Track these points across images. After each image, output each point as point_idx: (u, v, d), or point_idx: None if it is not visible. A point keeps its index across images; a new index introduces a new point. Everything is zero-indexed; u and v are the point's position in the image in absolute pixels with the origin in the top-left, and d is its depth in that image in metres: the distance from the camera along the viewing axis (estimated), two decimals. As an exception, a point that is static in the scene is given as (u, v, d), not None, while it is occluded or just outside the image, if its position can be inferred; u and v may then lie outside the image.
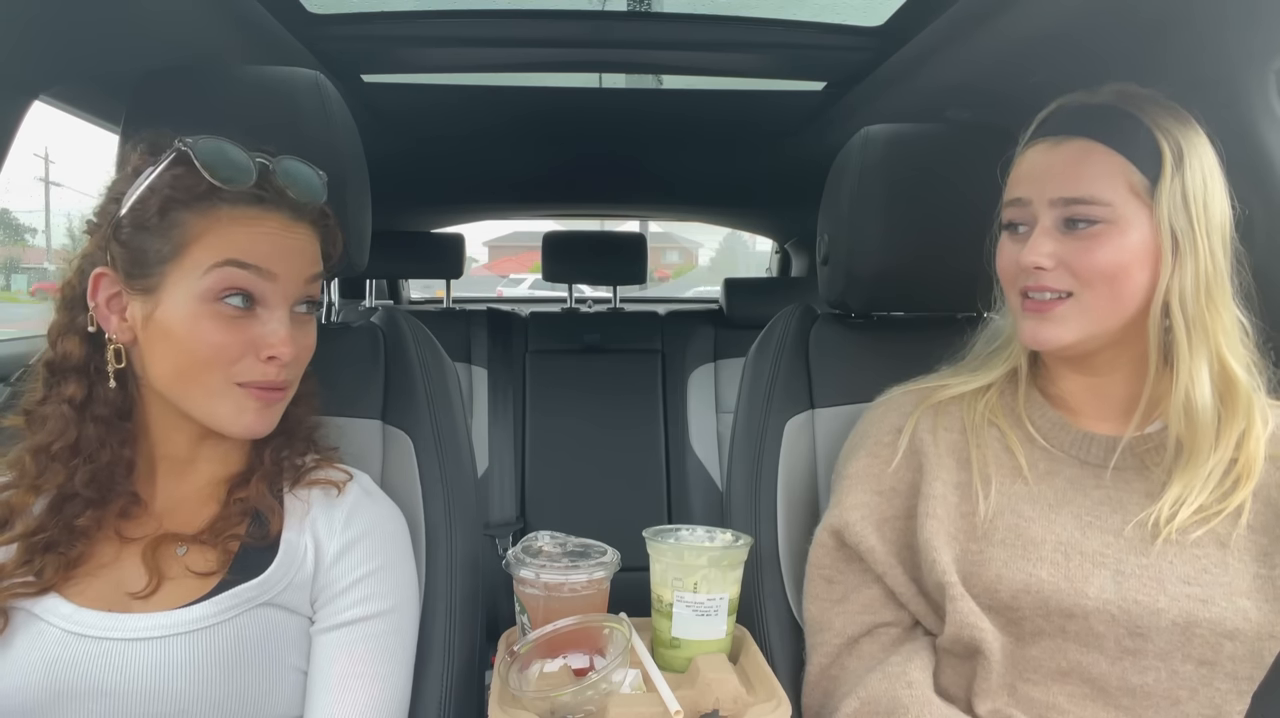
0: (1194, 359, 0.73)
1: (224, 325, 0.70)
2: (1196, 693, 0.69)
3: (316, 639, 0.74)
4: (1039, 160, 0.78)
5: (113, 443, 0.72)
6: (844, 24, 1.18)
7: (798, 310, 1.08)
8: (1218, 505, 0.72)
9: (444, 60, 1.33)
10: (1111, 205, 0.73)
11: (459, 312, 2.23)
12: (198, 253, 0.69)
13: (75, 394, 0.72)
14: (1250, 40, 0.88)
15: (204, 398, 0.71)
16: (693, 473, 2.07)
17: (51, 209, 20.10)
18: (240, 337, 0.70)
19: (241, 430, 0.73)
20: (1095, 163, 0.74)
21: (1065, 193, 0.74)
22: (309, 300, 0.76)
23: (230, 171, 0.70)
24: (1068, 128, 0.76)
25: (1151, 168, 0.73)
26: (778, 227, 2.94)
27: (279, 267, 0.71)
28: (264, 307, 0.71)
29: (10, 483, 0.72)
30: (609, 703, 0.69)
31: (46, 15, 0.88)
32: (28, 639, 0.67)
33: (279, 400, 0.75)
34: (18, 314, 11.84)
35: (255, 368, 0.71)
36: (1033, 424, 0.82)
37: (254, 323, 0.71)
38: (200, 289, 0.69)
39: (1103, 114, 0.76)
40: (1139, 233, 0.73)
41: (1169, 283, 0.73)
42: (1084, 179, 0.74)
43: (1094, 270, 0.73)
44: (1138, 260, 0.73)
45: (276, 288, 0.71)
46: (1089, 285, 0.74)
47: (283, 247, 0.72)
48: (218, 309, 0.69)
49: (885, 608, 0.83)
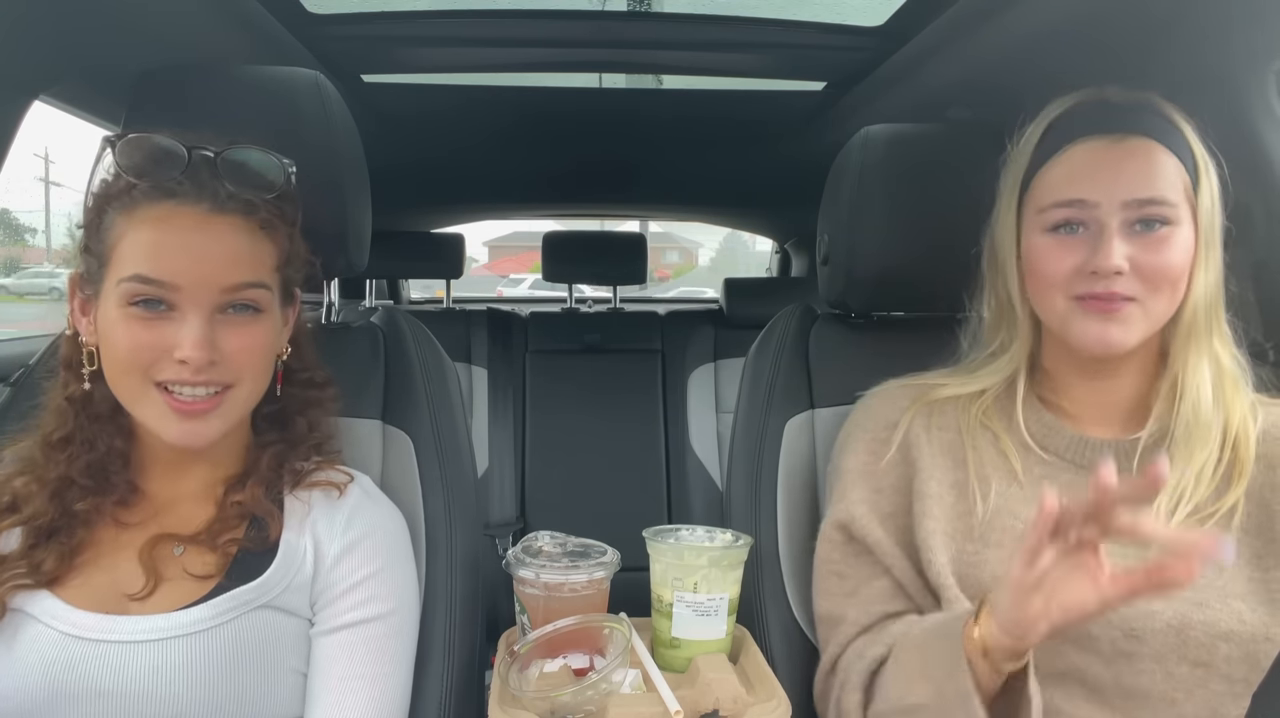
0: (1198, 359, 0.74)
1: (138, 327, 0.68)
2: (1192, 695, 0.69)
3: (317, 641, 0.74)
4: (1099, 158, 0.74)
5: (106, 436, 0.73)
6: (844, 24, 1.18)
7: (798, 310, 1.08)
8: (1212, 506, 0.72)
9: (444, 60, 1.33)
10: (1177, 206, 0.73)
11: (459, 312, 2.23)
12: (118, 258, 0.69)
13: (75, 390, 0.73)
14: (1251, 40, 0.88)
15: (131, 401, 0.71)
16: (693, 473, 2.07)
17: (51, 209, 20.10)
18: (153, 338, 0.68)
19: (173, 439, 0.70)
20: (1161, 162, 0.73)
21: (1140, 193, 0.72)
22: (240, 304, 0.71)
23: (144, 165, 0.69)
24: (1124, 125, 0.74)
25: (1192, 170, 0.74)
26: (778, 227, 2.94)
27: (186, 277, 0.68)
28: (177, 310, 0.69)
29: (19, 472, 0.73)
30: (609, 703, 0.69)
31: (46, 15, 0.88)
32: (25, 641, 0.67)
33: (207, 412, 0.70)
34: (18, 314, 11.85)
35: (171, 368, 0.69)
36: (1027, 429, 0.81)
37: (167, 325, 0.69)
38: (116, 295, 0.69)
39: (1148, 114, 0.75)
40: (1189, 234, 0.73)
41: (1198, 283, 0.74)
42: (1157, 179, 0.73)
43: (1164, 271, 0.73)
44: (1190, 263, 0.74)
45: (186, 297, 0.69)
46: (1155, 290, 0.73)
47: (193, 251, 0.69)
48: (130, 313, 0.68)
49: (895, 599, 0.83)
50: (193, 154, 0.70)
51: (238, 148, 0.72)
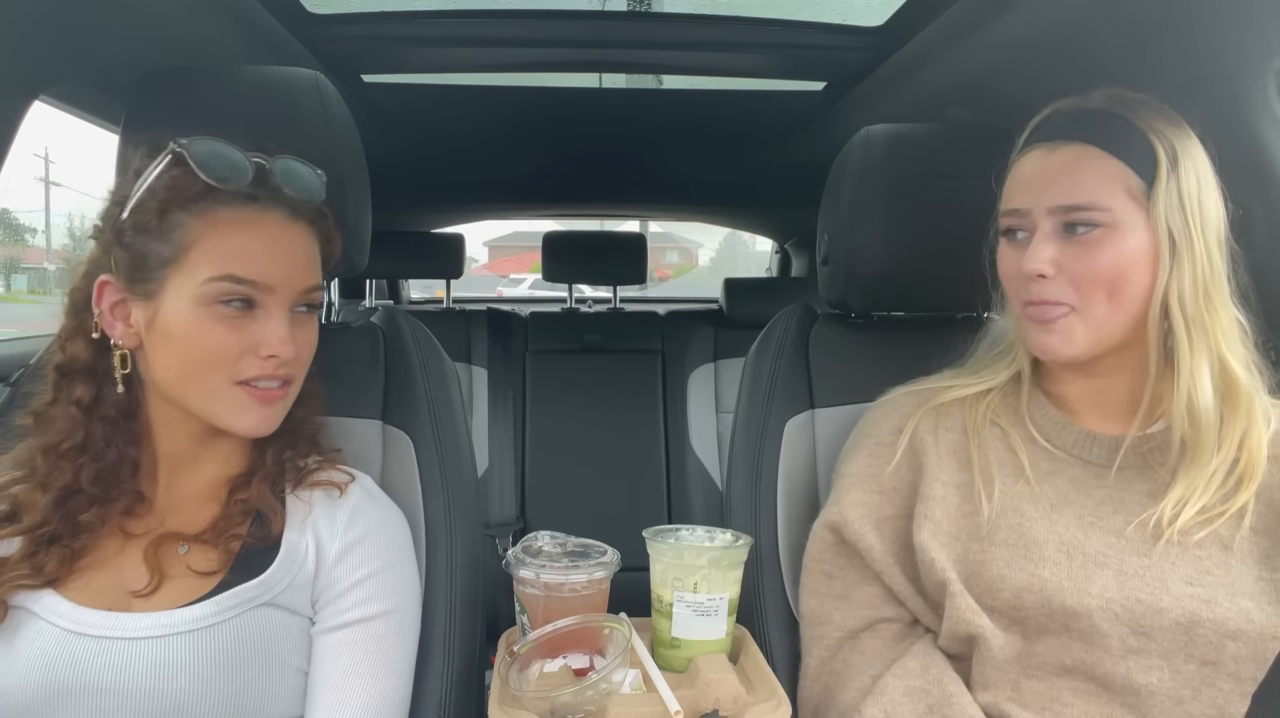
0: (1194, 359, 0.73)
1: (224, 327, 0.70)
2: (1199, 693, 0.69)
3: (318, 640, 0.75)
4: (1035, 167, 0.77)
5: (119, 442, 0.73)
6: (844, 24, 1.18)
7: (798, 310, 1.08)
8: (1220, 507, 0.72)
9: (444, 60, 1.33)
10: (1110, 210, 0.73)
11: (459, 312, 2.23)
12: (196, 258, 0.69)
13: (83, 396, 0.72)
14: (1249, 40, 0.88)
15: (206, 398, 0.72)
16: (693, 473, 2.07)
17: (51, 209, 20.10)
18: (239, 337, 0.71)
19: (245, 429, 0.73)
20: (1092, 168, 0.74)
21: (1063, 200, 0.74)
22: (308, 304, 0.76)
23: (225, 171, 0.70)
24: (1062, 133, 0.76)
25: (1147, 171, 0.73)
26: (778, 227, 2.94)
27: (275, 278, 0.71)
28: (262, 309, 0.72)
29: (19, 479, 0.73)
30: (609, 703, 0.69)
31: (46, 15, 0.88)
32: (27, 638, 0.67)
33: (280, 400, 0.75)
34: (18, 314, 11.84)
35: (255, 365, 0.72)
36: (1035, 424, 0.82)
37: (253, 323, 0.71)
38: (198, 294, 0.69)
39: (1097, 118, 0.76)
40: (1137, 237, 0.73)
41: (1168, 284, 0.73)
42: (1081, 185, 0.74)
43: (1095, 276, 0.73)
44: (1137, 264, 0.73)
45: (274, 297, 0.72)
46: (1089, 297, 0.74)
47: (280, 252, 0.72)
48: (217, 312, 0.70)
49: (886, 604, 0.83)
50: (252, 161, 0.72)
51: (281, 157, 0.74)
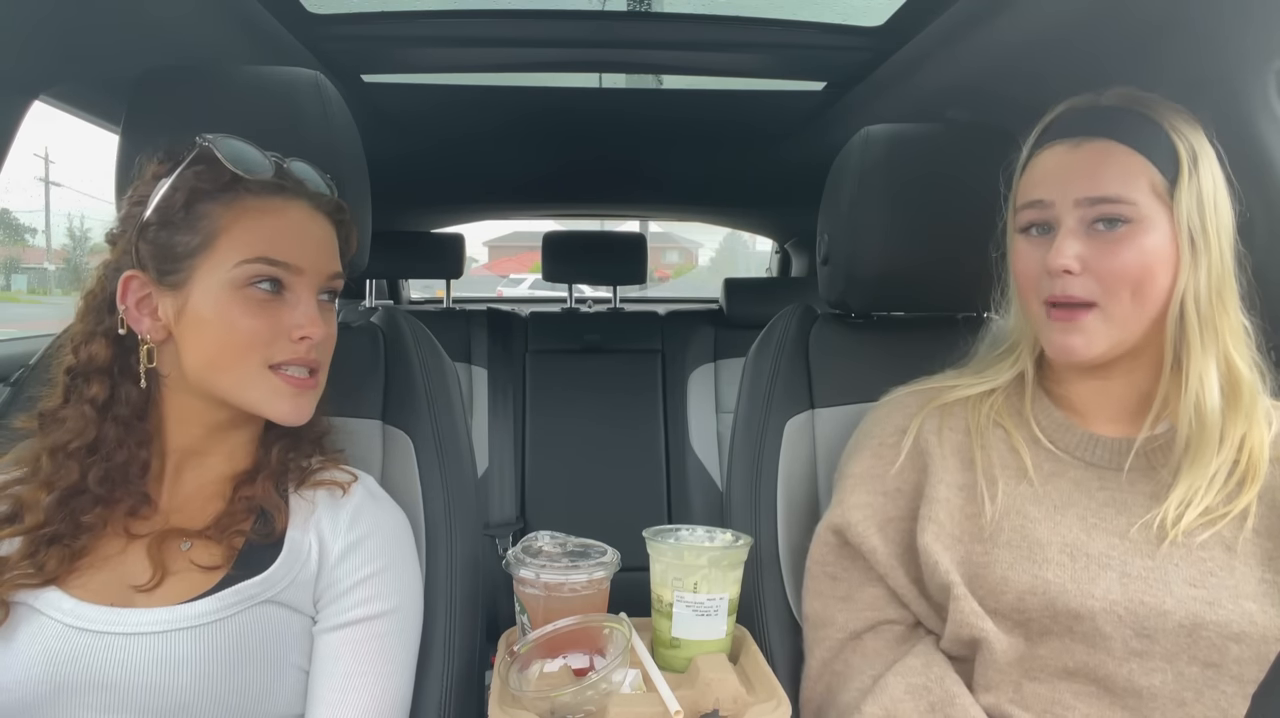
0: (1204, 360, 0.73)
1: (255, 309, 0.72)
2: (1202, 695, 0.69)
3: (320, 639, 0.75)
4: (1058, 161, 0.77)
5: (130, 443, 0.73)
6: (844, 24, 1.18)
7: (798, 310, 1.08)
8: (1223, 508, 0.72)
9: (444, 60, 1.33)
10: (1136, 205, 0.73)
11: (459, 312, 2.23)
12: (226, 245, 0.71)
13: (98, 394, 0.73)
14: (1248, 40, 0.88)
15: (241, 384, 0.73)
16: (693, 473, 2.07)
17: (51, 209, 20.11)
18: (271, 320, 0.72)
19: (281, 415, 0.74)
20: (1118, 163, 0.74)
21: (1091, 192, 0.74)
22: (330, 291, 0.79)
23: (250, 163, 0.73)
24: (1085, 129, 0.76)
25: (1170, 169, 0.73)
26: (778, 226, 2.94)
27: (305, 260, 0.74)
28: (291, 292, 0.74)
29: (22, 479, 0.73)
30: (609, 703, 0.69)
31: (46, 15, 0.88)
32: (29, 633, 0.67)
33: (311, 389, 0.76)
34: (18, 314, 11.84)
35: (287, 348, 0.73)
36: (1038, 425, 0.82)
37: (283, 307, 0.73)
38: (230, 278, 0.71)
39: (1120, 115, 0.75)
40: (1160, 234, 0.73)
41: (1186, 284, 0.73)
42: (1110, 179, 0.73)
43: (1121, 273, 0.73)
44: (1160, 262, 0.73)
45: (302, 279, 0.74)
46: (1113, 294, 0.73)
47: (307, 239, 0.75)
48: (248, 294, 0.72)
49: (889, 606, 0.83)
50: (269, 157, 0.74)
51: (290, 159, 0.77)
